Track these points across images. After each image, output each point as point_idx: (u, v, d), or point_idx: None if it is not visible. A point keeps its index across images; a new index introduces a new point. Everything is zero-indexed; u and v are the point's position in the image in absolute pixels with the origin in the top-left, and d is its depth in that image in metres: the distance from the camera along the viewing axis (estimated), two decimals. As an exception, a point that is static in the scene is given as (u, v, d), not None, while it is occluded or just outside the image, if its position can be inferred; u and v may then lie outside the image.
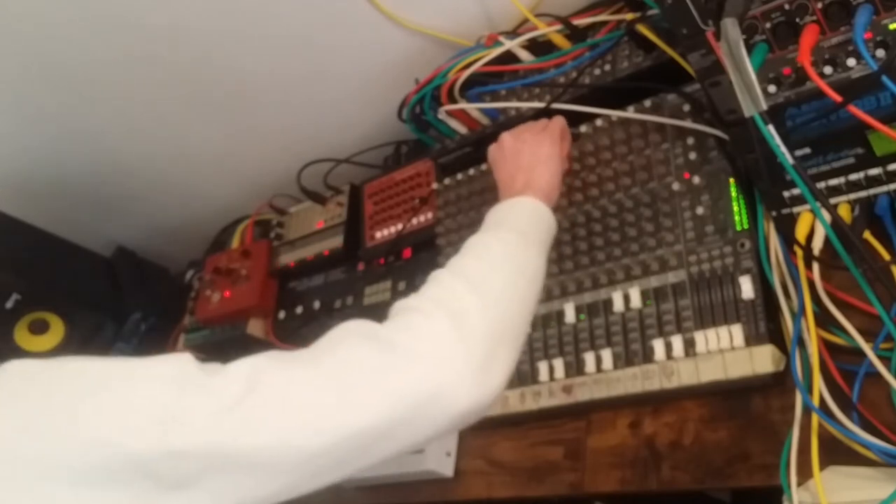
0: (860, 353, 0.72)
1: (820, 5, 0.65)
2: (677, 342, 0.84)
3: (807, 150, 0.74)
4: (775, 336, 0.79)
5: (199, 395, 0.53)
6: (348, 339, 0.62)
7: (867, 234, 0.74)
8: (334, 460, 0.57)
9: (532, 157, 0.85)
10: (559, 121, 0.93)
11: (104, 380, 0.53)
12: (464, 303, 0.64)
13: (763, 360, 0.78)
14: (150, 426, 0.51)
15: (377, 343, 0.60)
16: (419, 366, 0.59)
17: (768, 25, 0.68)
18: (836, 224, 0.70)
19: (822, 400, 0.72)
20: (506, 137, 0.90)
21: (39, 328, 1.50)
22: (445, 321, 0.62)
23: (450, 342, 0.61)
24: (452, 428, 0.62)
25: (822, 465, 0.69)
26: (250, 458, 0.53)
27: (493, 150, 0.92)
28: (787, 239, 0.79)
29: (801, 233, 0.76)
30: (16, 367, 0.53)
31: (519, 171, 0.85)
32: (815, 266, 0.75)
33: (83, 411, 0.51)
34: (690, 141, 0.90)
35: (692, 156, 0.90)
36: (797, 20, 0.66)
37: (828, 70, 0.67)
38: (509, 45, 1.08)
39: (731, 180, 0.86)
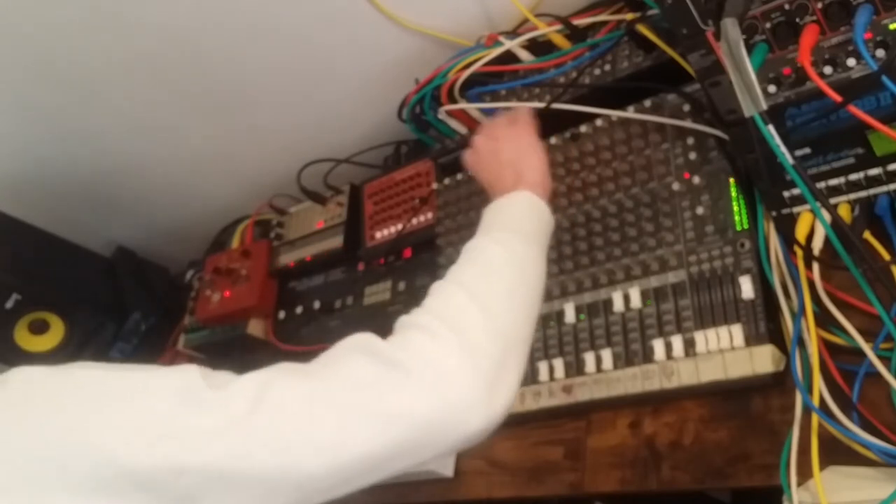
0: (860, 353, 0.72)
1: (820, 5, 0.65)
2: (677, 342, 0.84)
3: (807, 150, 0.74)
4: (775, 336, 0.79)
5: (201, 410, 0.52)
6: (354, 356, 0.60)
7: (867, 234, 0.74)
8: (338, 480, 0.56)
9: (514, 150, 0.83)
10: (525, 109, 0.90)
11: (107, 390, 0.53)
12: (468, 318, 0.62)
13: (763, 360, 0.78)
14: (151, 440, 0.50)
15: (383, 363, 0.58)
16: (427, 389, 0.58)
17: (768, 25, 0.68)
18: (836, 224, 0.70)
19: (822, 400, 0.72)
20: (479, 140, 0.88)
21: (39, 328, 1.50)
22: (452, 340, 0.60)
23: (457, 362, 0.59)
24: (462, 447, 0.60)
25: (822, 465, 0.69)
26: (250, 476, 0.52)
27: (469, 156, 0.89)
28: (787, 239, 0.79)
29: (801, 233, 0.76)
30: (20, 375, 0.53)
31: (504, 168, 0.82)
32: (815, 266, 0.75)
33: (83, 422, 0.50)
34: (690, 141, 0.90)
35: (692, 156, 0.90)
36: (797, 20, 0.66)
37: (828, 70, 0.67)
38: (509, 45, 1.08)
39: (731, 180, 0.86)
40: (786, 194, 0.77)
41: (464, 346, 0.60)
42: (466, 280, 0.68)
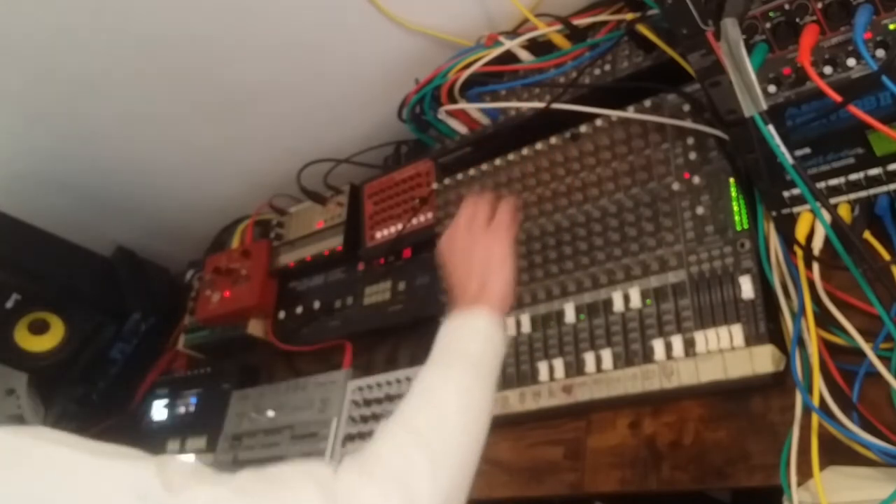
0: (860, 353, 0.72)
1: (820, 5, 0.65)
2: (677, 342, 0.84)
3: (807, 150, 0.74)
4: (775, 336, 0.79)
5: None
6: (306, 484, 0.62)
7: (867, 234, 0.74)
8: None
9: (485, 259, 0.84)
10: (507, 208, 0.90)
11: (68, 478, 0.54)
12: (414, 470, 0.65)
13: (763, 360, 0.78)
14: None
15: (331, 499, 0.61)
16: None
17: (768, 25, 0.68)
18: (836, 224, 0.70)
19: (822, 400, 0.72)
20: (457, 231, 0.89)
21: (39, 328, 1.50)
22: (395, 493, 0.62)
23: None
24: None
25: (822, 465, 0.69)
26: None
27: (444, 241, 0.90)
28: (787, 239, 0.79)
29: (801, 233, 0.76)
30: None
31: (472, 273, 0.84)
32: (815, 266, 0.75)
33: None
34: (690, 141, 0.90)
35: (692, 156, 0.90)
36: (797, 20, 0.66)
37: (828, 70, 0.67)
38: (509, 45, 1.08)
39: (731, 180, 0.86)
40: (786, 194, 0.77)
41: (407, 498, 0.63)
42: (417, 426, 0.70)
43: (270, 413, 1.25)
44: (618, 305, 0.90)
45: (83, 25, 1.20)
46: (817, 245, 0.75)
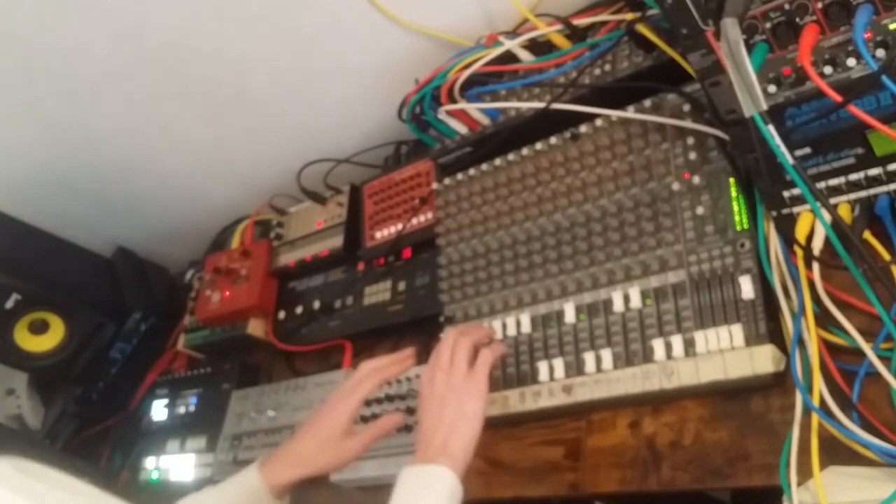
0: (860, 353, 0.72)
1: (820, 5, 0.65)
2: (677, 342, 0.84)
3: (807, 150, 0.74)
4: (775, 336, 0.79)
5: None
6: None
7: (867, 234, 0.74)
8: None
9: (457, 412, 0.85)
10: (486, 362, 0.90)
11: None
12: None
13: (763, 360, 0.78)
14: None
15: None
16: None
17: (768, 25, 0.68)
18: (836, 224, 0.70)
19: (822, 400, 0.72)
20: (438, 377, 0.88)
21: (39, 328, 1.50)
22: None
23: None
24: None
25: (822, 465, 0.69)
26: None
27: (424, 383, 0.90)
28: (787, 239, 0.79)
29: (801, 233, 0.76)
30: None
31: (441, 424, 0.84)
32: (815, 266, 0.75)
33: None
34: (690, 141, 0.90)
35: (692, 156, 0.90)
36: (797, 20, 0.66)
37: (828, 70, 0.67)
38: (509, 45, 1.08)
39: (731, 180, 0.86)
40: (786, 194, 0.77)
41: None
42: None
43: (270, 413, 1.25)
44: (618, 305, 0.90)
45: (84, 28, 1.21)
46: (817, 245, 0.75)
